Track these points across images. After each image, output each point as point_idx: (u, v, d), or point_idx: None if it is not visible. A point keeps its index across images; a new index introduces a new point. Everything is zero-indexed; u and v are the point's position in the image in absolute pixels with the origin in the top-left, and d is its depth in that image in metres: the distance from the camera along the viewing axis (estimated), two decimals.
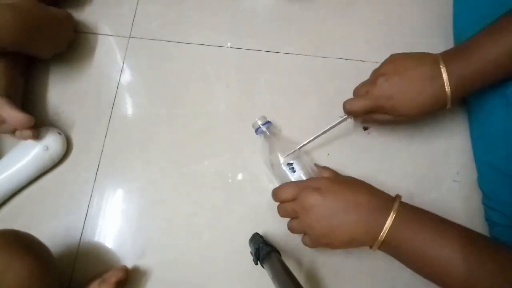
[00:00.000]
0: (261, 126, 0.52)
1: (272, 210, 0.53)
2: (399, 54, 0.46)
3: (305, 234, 0.43)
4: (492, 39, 0.41)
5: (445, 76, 0.41)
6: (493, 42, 0.40)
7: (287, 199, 0.43)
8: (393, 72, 0.44)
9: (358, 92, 0.47)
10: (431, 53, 0.44)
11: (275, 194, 0.44)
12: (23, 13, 0.49)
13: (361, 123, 0.56)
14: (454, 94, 0.42)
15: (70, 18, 0.58)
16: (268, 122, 0.53)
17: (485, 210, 0.50)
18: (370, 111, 0.46)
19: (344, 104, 0.47)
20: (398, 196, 0.40)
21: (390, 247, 0.39)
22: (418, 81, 0.42)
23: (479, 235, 0.38)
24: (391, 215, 0.37)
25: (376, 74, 0.46)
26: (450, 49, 0.44)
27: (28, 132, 0.50)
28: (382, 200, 0.39)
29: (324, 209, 0.39)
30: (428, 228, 0.37)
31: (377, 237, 0.37)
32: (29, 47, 0.52)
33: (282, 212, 0.45)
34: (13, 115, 0.48)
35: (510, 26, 0.40)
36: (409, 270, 0.50)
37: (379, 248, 0.39)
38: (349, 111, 0.47)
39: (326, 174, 0.47)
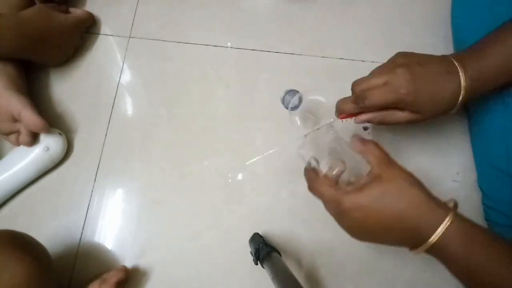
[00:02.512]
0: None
1: (272, 210, 0.53)
2: (406, 51, 0.42)
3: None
4: (509, 35, 0.39)
5: (461, 72, 0.38)
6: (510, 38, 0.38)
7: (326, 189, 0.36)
8: (414, 63, 0.39)
9: (373, 83, 0.40)
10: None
11: (316, 192, 0.37)
12: (26, 24, 0.50)
13: (361, 123, 0.49)
14: (469, 92, 0.39)
15: (77, 25, 0.58)
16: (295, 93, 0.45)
17: (484, 210, 0.50)
18: (388, 106, 0.40)
19: (363, 97, 0.40)
20: (452, 209, 0.33)
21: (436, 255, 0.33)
22: (439, 75, 0.39)
23: None
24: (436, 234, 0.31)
25: (393, 65, 0.40)
26: (460, 51, 0.42)
27: (29, 139, 0.50)
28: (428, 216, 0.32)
29: (360, 228, 0.34)
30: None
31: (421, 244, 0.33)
32: (31, 57, 0.53)
33: (315, 191, 0.37)
34: (32, 118, 0.48)
35: None
36: (409, 270, 0.50)
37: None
38: (370, 104, 0.40)
39: (372, 157, 0.36)
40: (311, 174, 0.38)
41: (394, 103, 0.40)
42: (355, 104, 0.41)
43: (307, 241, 0.51)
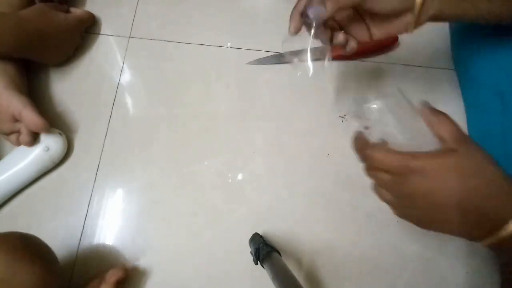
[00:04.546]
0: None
1: (272, 210, 0.53)
2: None
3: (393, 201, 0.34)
4: None
5: None
6: None
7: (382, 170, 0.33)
8: None
9: None
10: None
11: (369, 157, 0.33)
12: (26, 24, 0.50)
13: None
14: (424, 9, 0.36)
15: (77, 25, 0.58)
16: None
17: None
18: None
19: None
20: None
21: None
22: None
23: None
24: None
25: None
26: None
27: (29, 139, 0.50)
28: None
29: (425, 200, 0.30)
30: None
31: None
32: (31, 56, 0.53)
33: (373, 177, 0.35)
34: (33, 117, 0.48)
35: None
36: (409, 270, 0.50)
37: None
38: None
39: (445, 131, 0.31)
40: (363, 139, 0.35)
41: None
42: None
43: (307, 241, 0.51)
